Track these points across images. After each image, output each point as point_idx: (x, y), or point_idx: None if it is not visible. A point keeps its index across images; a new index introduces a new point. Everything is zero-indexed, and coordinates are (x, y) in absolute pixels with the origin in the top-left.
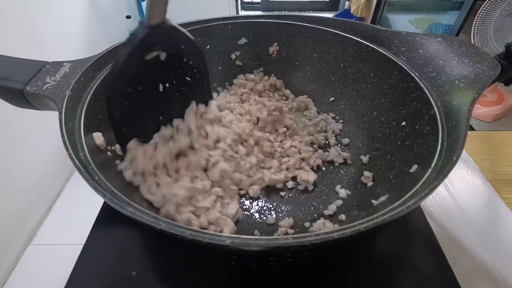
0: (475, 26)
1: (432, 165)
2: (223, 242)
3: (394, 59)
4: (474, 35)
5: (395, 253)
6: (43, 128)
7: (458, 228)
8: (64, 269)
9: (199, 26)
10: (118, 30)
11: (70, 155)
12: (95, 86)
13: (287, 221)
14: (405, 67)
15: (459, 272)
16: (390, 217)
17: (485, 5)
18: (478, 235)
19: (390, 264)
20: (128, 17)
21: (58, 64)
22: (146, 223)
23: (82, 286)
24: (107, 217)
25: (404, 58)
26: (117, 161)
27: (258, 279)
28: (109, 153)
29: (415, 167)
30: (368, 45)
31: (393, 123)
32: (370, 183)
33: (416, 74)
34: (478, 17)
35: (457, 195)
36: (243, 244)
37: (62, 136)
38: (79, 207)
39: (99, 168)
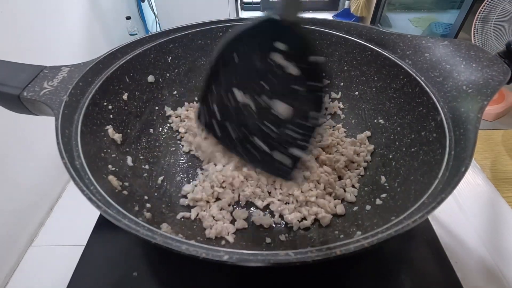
0: (475, 24)
1: (439, 175)
2: (221, 258)
3: (400, 63)
4: (474, 33)
5: (397, 251)
6: (44, 128)
7: (459, 227)
8: (65, 270)
9: (202, 28)
10: (118, 31)
11: (65, 163)
12: (93, 91)
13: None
14: (411, 71)
15: (461, 271)
16: (395, 232)
17: (485, 3)
18: (479, 234)
19: (391, 263)
20: (128, 18)
21: (56, 69)
22: (141, 236)
23: (83, 287)
24: None
25: (410, 62)
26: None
27: (259, 277)
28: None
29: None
30: (373, 48)
31: (398, 128)
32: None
33: (422, 78)
34: (478, 15)
35: (458, 194)
36: (242, 260)
37: (58, 143)
38: (81, 208)
39: (95, 177)
